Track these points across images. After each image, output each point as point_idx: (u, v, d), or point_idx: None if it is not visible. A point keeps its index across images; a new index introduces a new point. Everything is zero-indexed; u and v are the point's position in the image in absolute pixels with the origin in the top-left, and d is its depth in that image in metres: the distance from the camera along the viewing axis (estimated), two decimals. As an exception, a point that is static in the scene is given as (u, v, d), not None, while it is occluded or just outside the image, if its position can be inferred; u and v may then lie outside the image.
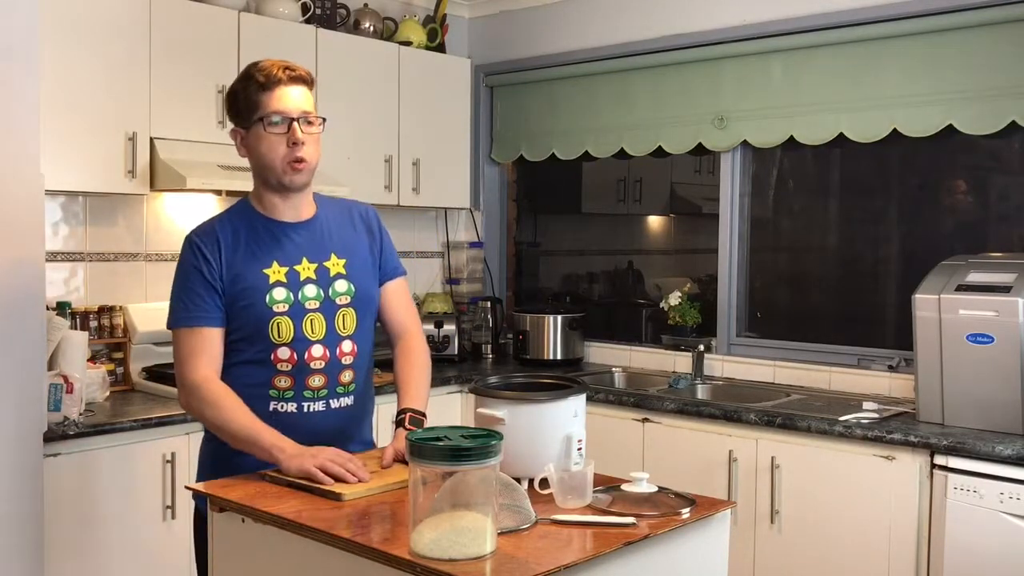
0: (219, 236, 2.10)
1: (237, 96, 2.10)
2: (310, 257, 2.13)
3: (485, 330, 4.68)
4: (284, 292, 2.08)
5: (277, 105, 2.05)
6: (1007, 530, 2.75)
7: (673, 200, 4.82)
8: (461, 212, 4.89)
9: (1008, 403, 2.93)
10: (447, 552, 1.46)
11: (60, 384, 2.92)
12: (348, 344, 2.14)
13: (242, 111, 2.09)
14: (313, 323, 2.10)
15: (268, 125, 2.05)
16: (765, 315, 4.13)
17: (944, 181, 3.72)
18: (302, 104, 2.08)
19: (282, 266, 2.10)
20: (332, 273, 2.14)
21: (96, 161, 3.27)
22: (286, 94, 2.06)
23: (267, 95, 2.05)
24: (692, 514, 1.74)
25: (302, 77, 2.10)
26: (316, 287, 2.11)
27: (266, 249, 2.10)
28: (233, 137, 2.15)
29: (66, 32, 3.17)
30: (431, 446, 1.51)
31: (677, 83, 4.13)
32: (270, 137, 2.06)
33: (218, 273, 2.07)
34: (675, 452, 3.45)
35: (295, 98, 2.07)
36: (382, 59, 4.18)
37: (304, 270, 2.11)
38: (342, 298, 2.14)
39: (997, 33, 3.31)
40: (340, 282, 2.14)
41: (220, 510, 1.83)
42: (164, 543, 3.10)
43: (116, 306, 3.57)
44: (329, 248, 2.16)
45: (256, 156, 2.10)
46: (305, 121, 2.08)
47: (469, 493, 1.51)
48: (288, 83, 2.06)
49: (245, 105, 2.08)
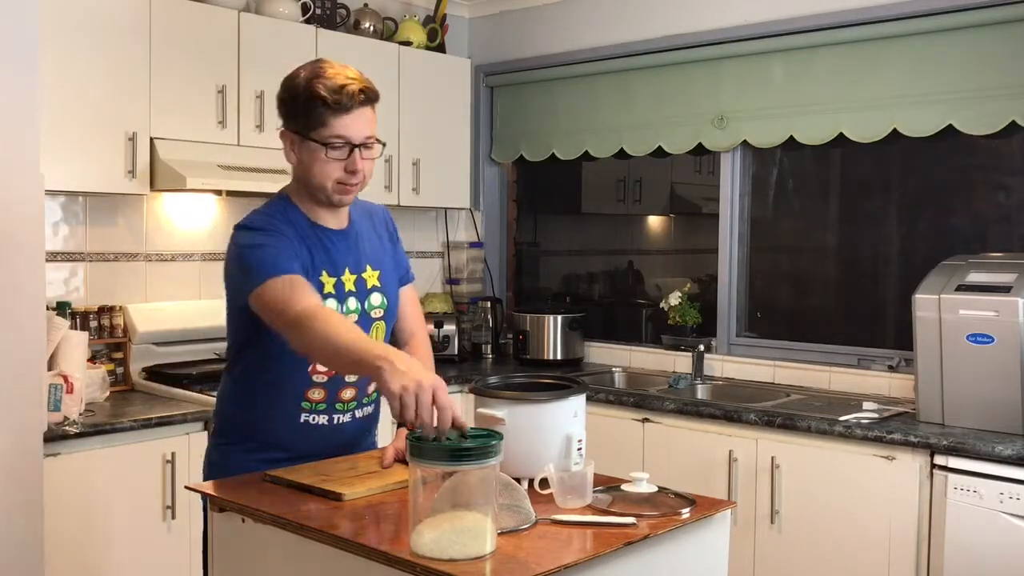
0: (283, 226, 1.99)
1: (297, 103, 1.96)
2: (351, 268, 2.08)
3: (485, 330, 4.68)
4: (334, 304, 2.02)
5: (342, 130, 1.94)
6: (1007, 530, 2.75)
7: (673, 200, 4.82)
8: (461, 212, 4.89)
9: (1008, 403, 2.93)
10: (447, 552, 1.46)
11: (60, 384, 2.92)
12: None
13: (300, 120, 1.96)
14: None
15: (329, 149, 1.95)
16: (765, 315, 4.13)
17: (944, 181, 3.72)
18: (367, 129, 1.98)
19: (331, 276, 2.03)
20: (368, 285, 2.10)
21: (96, 161, 3.27)
22: (354, 119, 1.95)
23: (335, 118, 1.93)
24: (692, 514, 1.74)
25: (370, 97, 1.98)
26: (356, 300, 2.07)
27: (316, 255, 2.02)
28: (283, 139, 2.03)
29: (66, 32, 3.16)
30: (431, 446, 1.51)
31: (677, 83, 4.13)
32: (328, 161, 1.96)
33: (298, 252, 1.95)
34: (675, 452, 3.45)
35: (362, 123, 1.96)
36: (382, 59, 4.18)
37: (347, 282, 2.06)
38: (376, 311, 2.11)
39: (997, 33, 3.31)
40: (375, 295, 2.11)
41: (220, 510, 1.83)
42: (164, 543, 3.10)
43: (116, 306, 3.57)
44: (364, 259, 2.11)
45: (307, 170, 2.00)
46: (365, 146, 1.99)
47: (469, 493, 1.51)
48: (358, 106, 1.95)
49: (306, 118, 1.95)
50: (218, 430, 2.17)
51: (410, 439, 1.54)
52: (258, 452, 2.06)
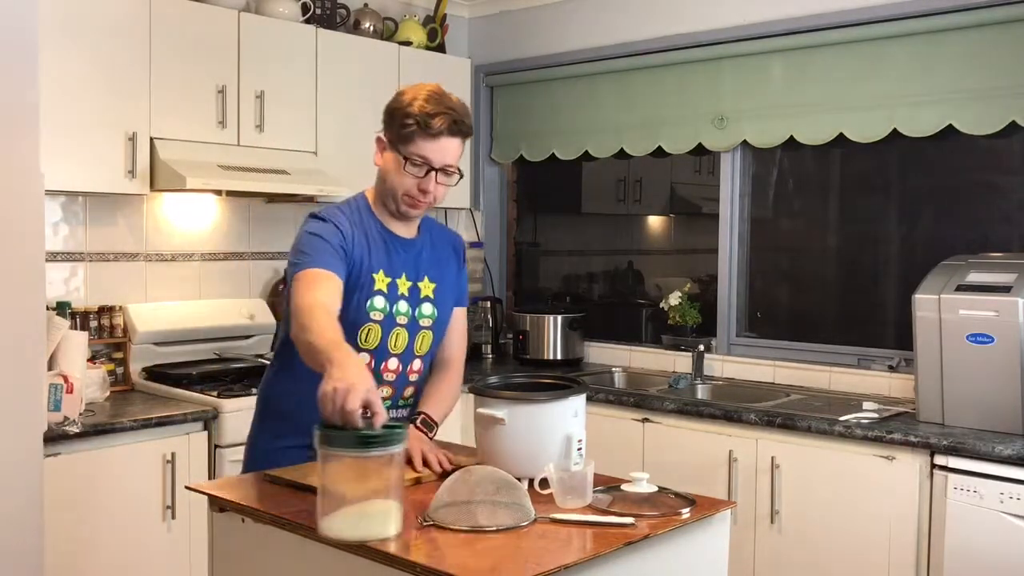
0: (352, 223, 2.12)
1: (396, 116, 2.09)
2: (408, 275, 2.19)
3: (485, 330, 4.67)
4: (383, 302, 2.12)
5: (425, 152, 2.07)
6: (1007, 530, 2.75)
7: (673, 200, 4.82)
8: (461, 212, 4.89)
9: (1008, 403, 2.93)
10: (354, 534, 1.55)
11: (60, 384, 2.92)
12: (418, 363, 2.22)
13: (394, 131, 2.10)
14: (398, 337, 2.16)
15: (409, 164, 2.08)
16: (765, 315, 4.13)
17: (944, 181, 3.72)
18: (448, 157, 2.10)
19: (387, 276, 2.14)
20: (422, 295, 2.21)
21: (96, 161, 3.27)
22: (439, 145, 2.08)
23: (422, 138, 2.06)
24: (692, 514, 1.74)
25: (461, 131, 2.10)
26: (408, 304, 2.18)
27: (378, 254, 2.14)
28: (377, 143, 2.17)
29: (66, 32, 3.16)
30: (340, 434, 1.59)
31: (677, 83, 4.13)
32: (406, 175, 2.09)
33: (348, 250, 2.07)
34: (675, 452, 3.45)
35: (445, 151, 2.09)
36: (382, 59, 4.18)
37: (402, 285, 2.17)
38: (425, 320, 2.21)
39: (997, 33, 3.31)
40: (426, 305, 2.21)
41: (220, 510, 1.83)
42: (164, 543, 3.10)
43: (116, 306, 3.57)
44: (424, 271, 2.22)
45: (385, 175, 2.14)
46: (443, 172, 2.11)
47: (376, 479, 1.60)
48: (447, 135, 2.08)
49: (399, 131, 2.08)
50: (256, 414, 2.28)
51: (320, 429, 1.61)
52: (285, 438, 2.14)
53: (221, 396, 3.25)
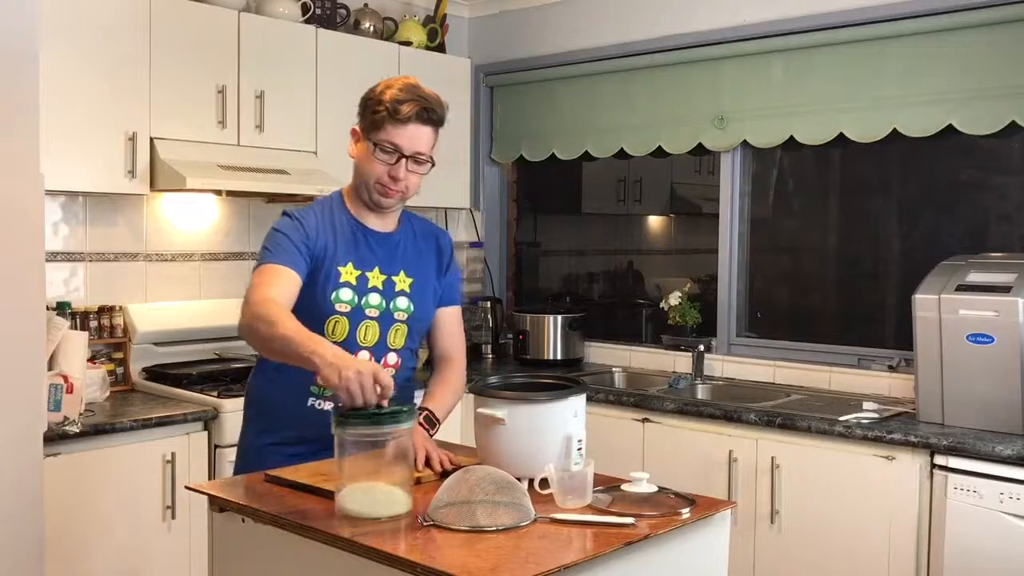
0: (317, 221, 2.15)
1: (368, 104, 2.13)
2: (382, 268, 2.19)
3: (485, 330, 4.67)
4: (350, 294, 2.13)
5: (394, 138, 2.09)
6: (1007, 530, 2.75)
7: (673, 200, 4.82)
8: (461, 212, 4.89)
9: (1008, 403, 2.93)
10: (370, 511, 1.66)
11: (60, 384, 2.92)
12: (393, 356, 2.20)
13: (366, 119, 2.13)
14: (367, 330, 2.15)
15: (379, 151, 2.11)
16: (765, 315, 4.13)
17: (944, 181, 3.72)
18: (419, 145, 2.12)
19: (356, 269, 2.16)
20: (397, 288, 2.21)
21: (96, 161, 3.27)
22: (409, 132, 2.09)
23: (391, 124, 2.08)
24: (692, 514, 1.74)
25: (431, 119, 2.12)
26: (380, 297, 2.17)
27: (347, 248, 2.16)
28: (352, 134, 2.20)
29: (66, 32, 3.16)
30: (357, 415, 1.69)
31: (677, 83, 4.13)
32: (376, 161, 2.12)
33: (311, 247, 2.11)
34: (675, 452, 3.45)
35: (415, 137, 2.10)
36: (382, 59, 4.18)
37: (374, 278, 2.18)
38: (400, 314, 2.20)
39: (997, 33, 3.31)
40: (402, 299, 2.21)
41: (220, 510, 1.83)
42: (164, 543, 3.10)
43: (116, 306, 3.57)
44: (401, 265, 2.23)
45: (358, 164, 2.18)
46: (414, 160, 2.13)
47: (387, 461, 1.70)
48: (416, 122, 2.09)
49: (370, 118, 2.11)
50: (245, 417, 2.30)
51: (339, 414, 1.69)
52: (267, 434, 2.16)
53: (221, 396, 3.25)
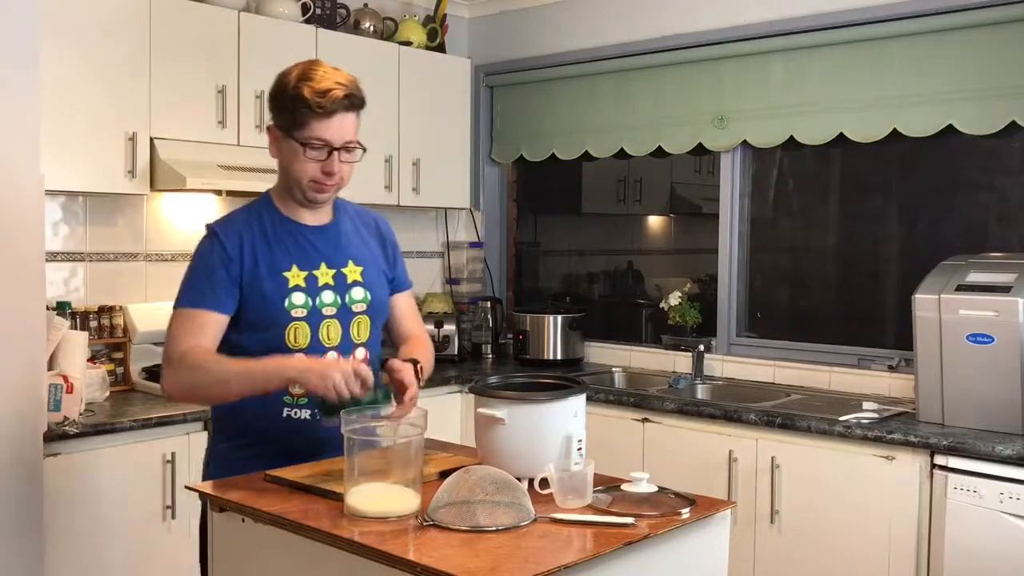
0: (243, 234, 2.07)
1: (284, 102, 2.03)
2: (328, 263, 2.11)
3: (485, 330, 4.67)
4: (303, 297, 2.06)
5: (322, 133, 2.00)
6: (1007, 530, 2.75)
7: (673, 200, 4.82)
8: (461, 212, 4.89)
9: (1008, 403, 2.93)
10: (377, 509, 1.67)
11: (60, 384, 2.92)
12: (361, 351, 2.13)
13: (285, 118, 2.03)
14: (329, 329, 2.08)
15: (308, 149, 2.01)
16: (765, 315, 4.13)
17: (944, 181, 3.72)
18: (347, 133, 2.03)
19: (302, 270, 2.07)
20: (349, 280, 2.13)
21: (96, 161, 3.27)
22: (335, 124, 2.01)
23: (316, 120, 1.99)
24: (692, 514, 1.74)
25: (354, 104, 2.03)
26: (334, 293, 2.10)
27: (286, 252, 2.08)
28: (269, 133, 2.11)
29: (66, 32, 3.16)
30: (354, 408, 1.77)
31: (677, 83, 4.13)
32: (307, 161, 2.02)
33: (238, 270, 2.03)
34: (675, 452, 3.45)
35: (343, 128, 2.02)
36: (382, 59, 4.18)
37: (323, 275, 2.09)
38: (358, 305, 2.13)
39: (997, 33, 3.31)
40: (357, 289, 2.13)
41: (220, 510, 1.83)
42: (164, 543, 3.10)
43: (116, 306, 3.57)
44: (347, 255, 2.15)
45: (286, 166, 2.08)
46: (345, 150, 2.04)
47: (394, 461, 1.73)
48: (341, 111, 2.01)
49: (290, 117, 2.01)
50: (213, 427, 2.21)
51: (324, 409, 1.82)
52: (246, 448, 2.08)
53: (221, 396, 3.25)
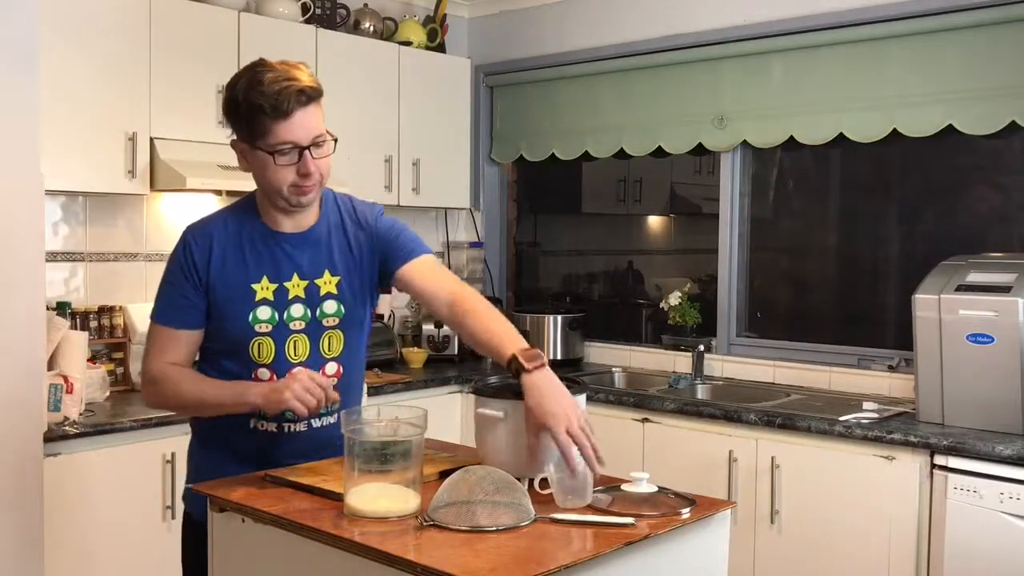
0: (214, 241, 2.00)
1: (239, 109, 1.88)
2: (302, 273, 2.00)
3: (485, 330, 4.66)
4: (269, 311, 1.98)
5: (287, 135, 1.86)
6: (1007, 530, 2.75)
7: (673, 200, 4.82)
8: (461, 212, 4.89)
9: (1008, 403, 2.93)
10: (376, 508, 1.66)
11: (60, 384, 2.92)
12: (333, 366, 2.04)
13: (244, 130, 1.90)
14: (296, 345, 2.00)
15: (278, 156, 1.88)
16: (765, 315, 4.13)
17: (944, 181, 3.72)
18: (313, 128, 1.89)
19: (272, 282, 1.98)
20: (322, 292, 2.01)
21: (96, 161, 3.27)
22: (297, 122, 1.86)
23: (277, 124, 1.85)
24: (692, 514, 1.73)
25: (311, 96, 1.88)
26: (304, 307, 2.00)
27: (258, 261, 1.99)
28: (234, 148, 1.97)
29: (66, 32, 3.16)
30: None
31: (677, 83, 4.13)
32: (279, 168, 1.89)
33: (204, 280, 1.98)
34: (675, 452, 3.45)
35: (307, 124, 1.88)
36: (382, 59, 4.18)
37: (294, 288, 1.99)
38: (329, 320, 2.02)
39: (997, 33, 3.31)
40: (329, 303, 2.02)
41: (220, 510, 1.83)
42: (164, 543, 3.09)
43: (116, 306, 3.57)
44: (324, 264, 2.02)
45: (261, 178, 1.95)
46: (315, 146, 1.90)
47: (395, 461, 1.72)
48: (300, 107, 1.86)
49: (249, 126, 1.88)
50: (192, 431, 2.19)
51: None
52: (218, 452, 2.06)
53: (221, 396, 3.25)
